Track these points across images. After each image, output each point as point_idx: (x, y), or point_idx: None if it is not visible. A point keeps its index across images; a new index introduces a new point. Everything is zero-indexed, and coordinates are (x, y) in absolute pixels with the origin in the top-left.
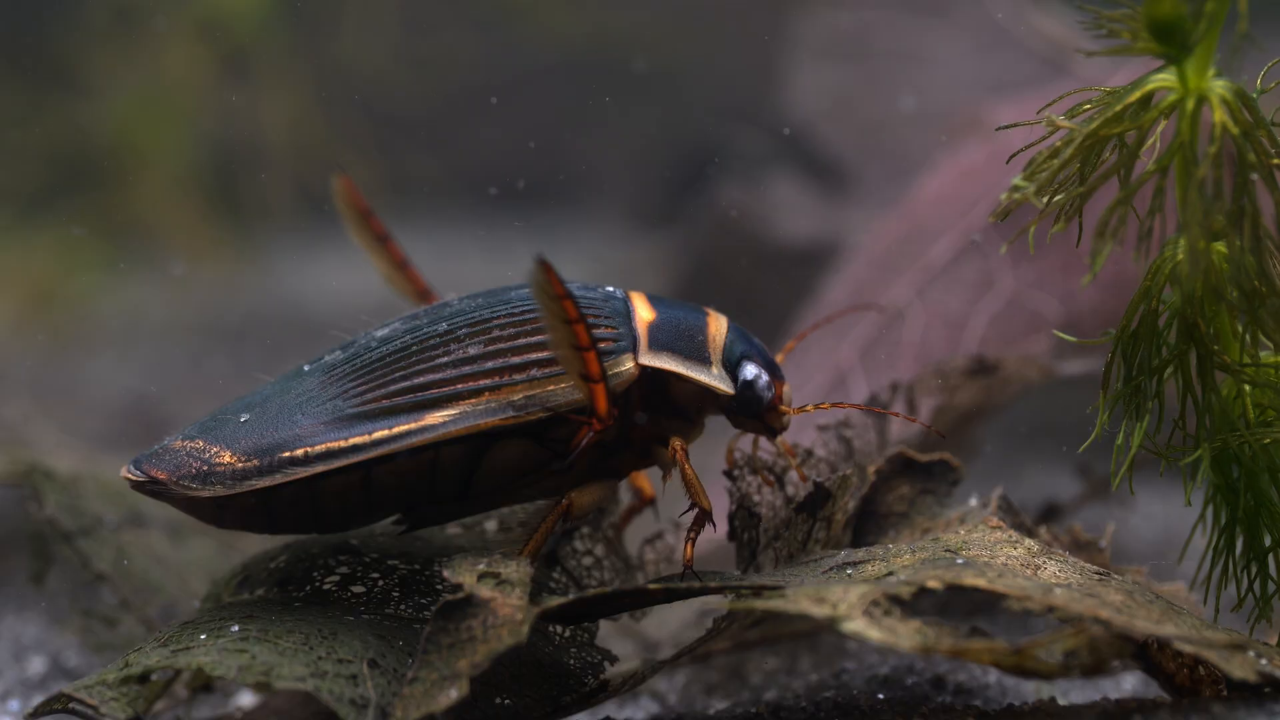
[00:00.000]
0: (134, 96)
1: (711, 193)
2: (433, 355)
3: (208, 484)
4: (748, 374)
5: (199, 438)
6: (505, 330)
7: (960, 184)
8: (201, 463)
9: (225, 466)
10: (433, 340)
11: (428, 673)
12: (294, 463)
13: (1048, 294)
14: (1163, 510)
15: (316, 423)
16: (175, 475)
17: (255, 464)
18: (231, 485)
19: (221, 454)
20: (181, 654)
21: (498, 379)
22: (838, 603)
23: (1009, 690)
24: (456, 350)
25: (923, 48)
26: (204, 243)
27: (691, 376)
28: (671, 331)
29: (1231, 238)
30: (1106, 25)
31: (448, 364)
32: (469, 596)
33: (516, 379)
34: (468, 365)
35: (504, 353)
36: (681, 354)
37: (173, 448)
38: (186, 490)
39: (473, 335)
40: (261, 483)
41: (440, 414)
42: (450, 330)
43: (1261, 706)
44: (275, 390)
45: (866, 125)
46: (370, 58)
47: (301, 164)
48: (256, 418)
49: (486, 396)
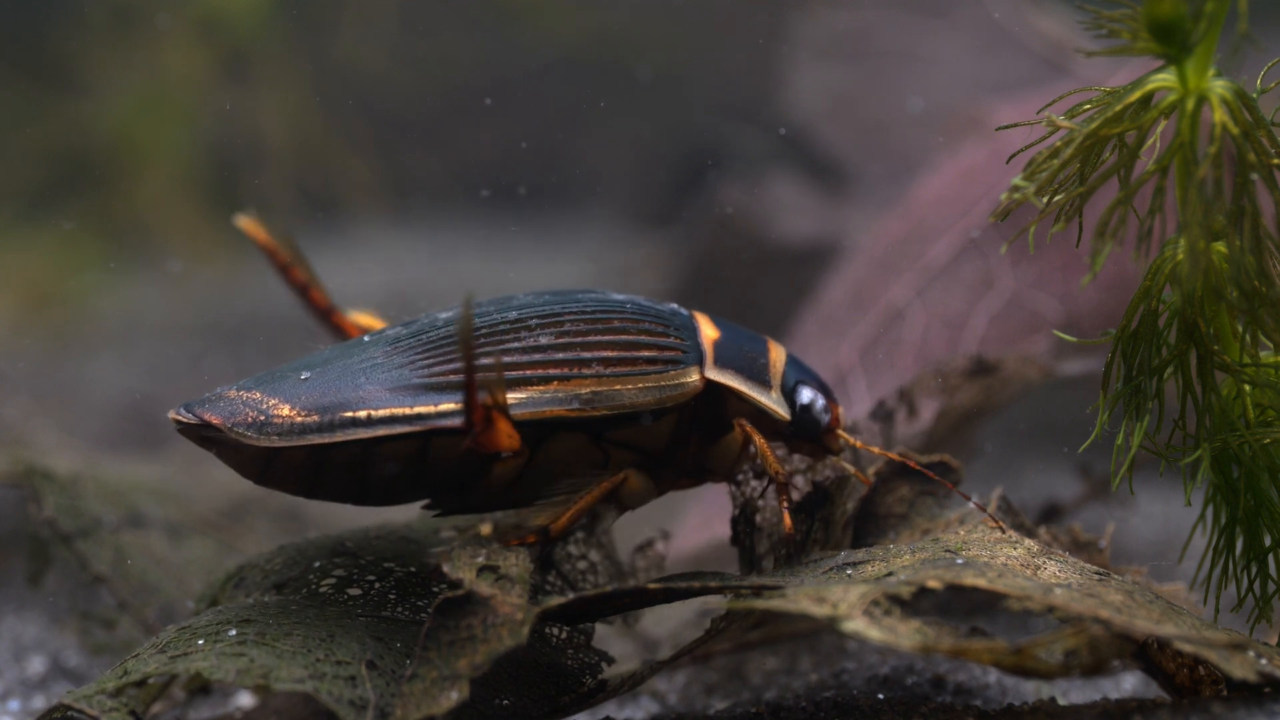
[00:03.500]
0: (134, 96)
1: (711, 193)
2: (502, 339)
3: (263, 433)
4: (805, 398)
5: (256, 389)
6: (578, 325)
7: (960, 184)
8: (258, 412)
9: (283, 419)
10: (502, 326)
11: (427, 670)
12: (355, 423)
13: (1048, 294)
14: (1163, 510)
15: (381, 388)
16: (230, 422)
17: (315, 419)
18: (288, 438)
19: (280, 406)
20: (180, 659)
21: (567, 370)
22: (838, 602)
23: (1009, 690)
24: (527, 338)
25: (922, 48)
26: (204, 243)
27: (753, 396)
28: (735, 351)
29: (1231, 238)
30: (1106, 25)
31: (517, 349)
32: (469, 594)
33: (586, 373)
34: (538, 354)
35: (574, 346)
36: (744, 374)
37: (227, 396)
38: (240, 437)
39: (543, 326)
40: (319, 439)
41: (510, 395)
42: (520, 319)
43: (1261, 706)
44: (335, 354)
45: (866, 125)
46: (370, 58)
47: (301, 164)
48: (318, 376)
49: (555, 385)
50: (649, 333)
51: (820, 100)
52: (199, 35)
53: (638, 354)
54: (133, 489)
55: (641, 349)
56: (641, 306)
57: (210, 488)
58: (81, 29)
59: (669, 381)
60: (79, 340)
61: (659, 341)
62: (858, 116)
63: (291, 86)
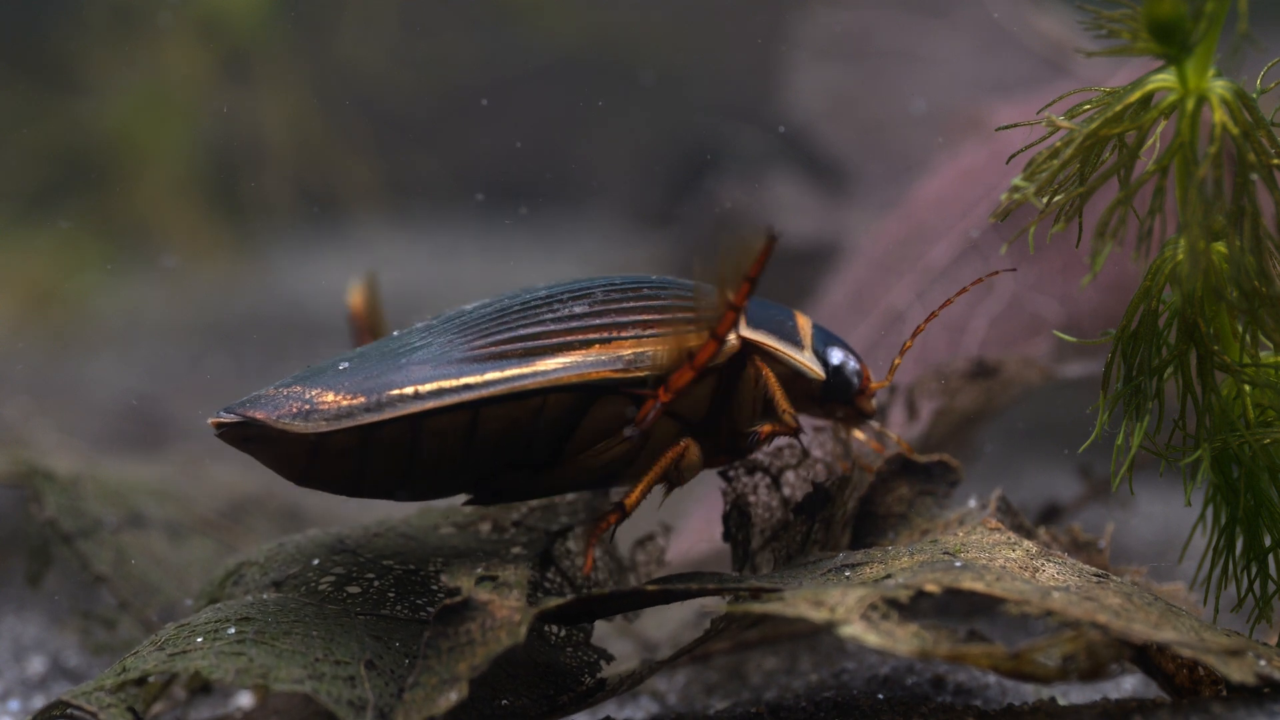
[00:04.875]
0: (134, 96)
1: (711, 193)
2: (538, 313)
3: (310, 420)
4: (836, 358)
5: (295, 384)
6: (610, 294)
7: (960, 185)
8: (303, 402)
9: (329, 404)
10: (535, 302)
11: (428, 677)
12: (403, 399)
13: (1048, 296)
14: (1163, 510)
15: (425, 365)
16: (275, 414)
17: (361, 400)
18: (335, 420)
19: (324, 394)
20: (178, 658)
21: (606, 334)
22: (835, 606)
23: (1009, 690)
24: (561, 309)
25: (922, 48)
26: (204, 243)
27: (788, 354)
28: (764, 314)
29: (1231, 238)
30: (1106, 25)
31: (551, 319)
32: (466, 600)
33: (624, 336)
34: (575, 321)
35: (610, 312)
36: (777, 334)
37: (268, 394)
38: (287, 427)
39: (575, 299)
40: (367, 418)
41: (551, 361)
42: (551, 295)
43: (1261, 706)
44: (370, 348)
45: (866, 125)
46: (370, 58)
47: (301, 164)
48: (358, 363)
49: (596, 349)
50: (679, 297)
51: (820, 100)
52: (199, 35)
53: (673, 316)
54: (133, 489)
55: (675, 311)
56: (665, 278)
57: (210, 488)
58: (81, 29)
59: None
60: (79, 340)
61: (690, 304)
62: (857, 116)
63: (291, 86)
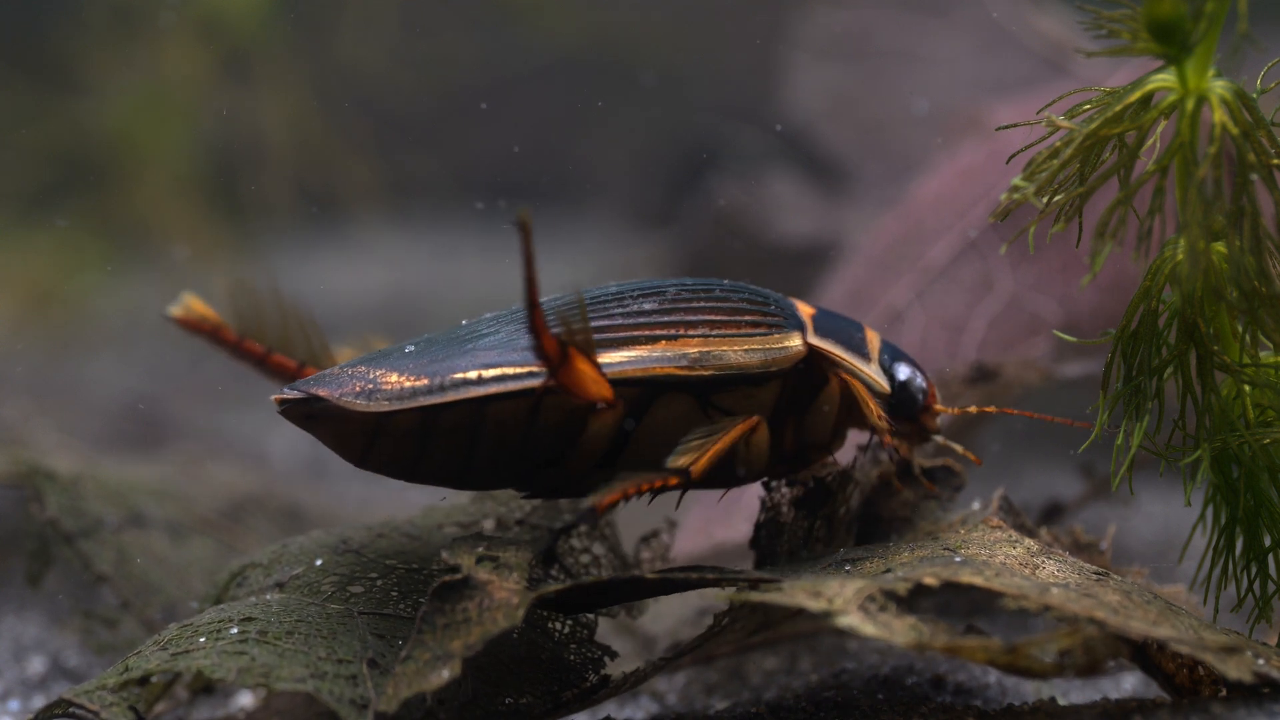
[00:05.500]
0: (134, 96)
1: (710, 192)
2: (607, 307)
3: (373, 399)
4: (903, 374)
5: (361, 365)
6: (680, 293)
7: (959, 184)
8: (366, 382)
9: (393, 385)
10: (604, 297)
11: (421, 652)
12: (467, 383)
13: (1047, 296)
14: (1163, 510)
15: (490, 351)
16: (338, 392)
17: (425, 382)
18: (397, 401)
19: (388, 375)
20: (181, 657)
21: (674, 331)
22: (834, 597)
23: (1009, 690)
24: (631, 305)
25: (922, 47)
26: (204, 243)
27: (855, 365)
28: (832, 324)
29: (1231, 238)
30: (1106, 25)
31: (620, 314)
32: (466, 578)
33: (692, 334)
34: (642, 317)
35: (679, 310)
36: (845, 344)
37: (333, 373)
38: (350, 405)
39: (645, 296)
40: (431, 400)
41: (616, 354)
42: (621, 292)
43: (1261, 706)
44: (436, 334)
45: (866, 124)
46: (370, 58)
47: (301, 164)
48: (423, 348)
49: (663, 345)
50: (750, 301)
51: (820, 100)
52: (199, 35)
53: (741, 318)
54: (134, 489)
55: (745, 314)
56: (736, 283)
57: (210, 487)
58: (81, 29)
59: (773, 344)
60: (79, 340)
61: (761, 308)
62: (857, 116)
63: (291, 86)
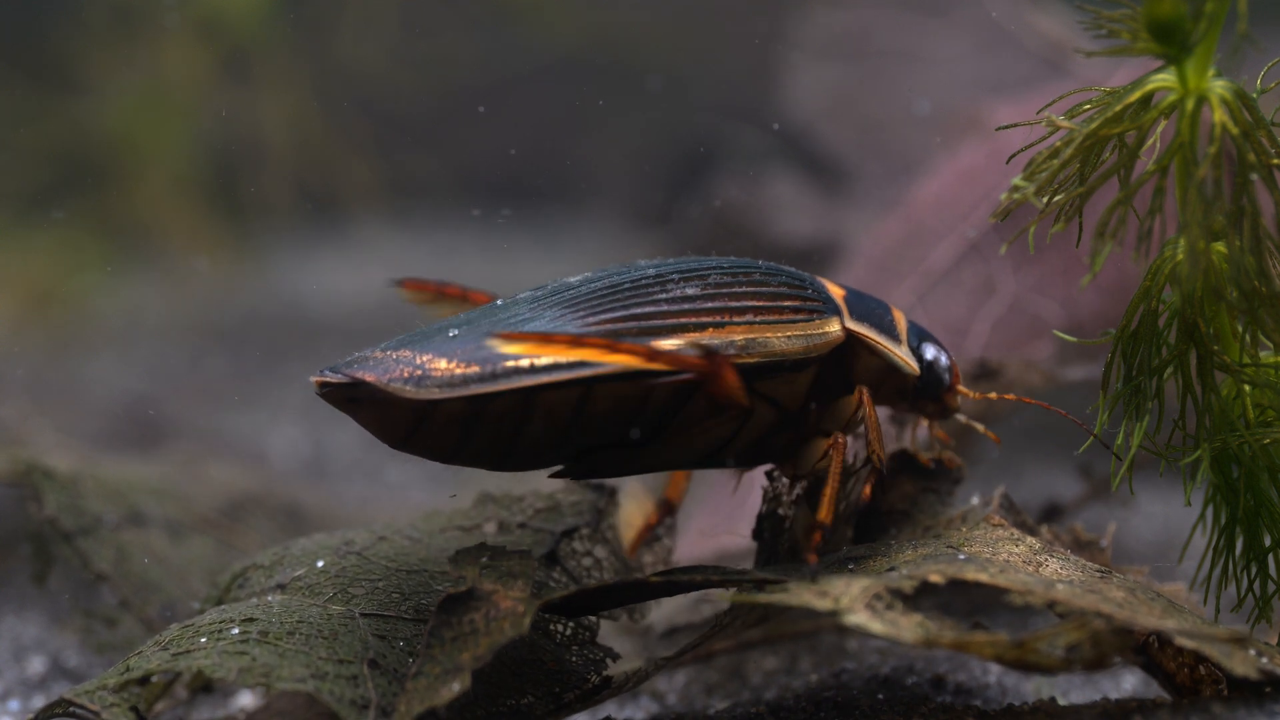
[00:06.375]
0: (134, 96)
1: (710, 192)
2: (650, 292)
3: (422, 386)
4: (930, 354)
5: (403, 348)
6: (721, 278)
7: (960, 186)
8: (414, 368)
9: (442, 371)
10: (645, 280)
11: (431, 666)
12: (519, 371)
13: (1049, 298)
14: (1163, 510)
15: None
16: (385, 378)
17: (476, 370)
18: (447, 389)
19: (436, 361)
20: (182, 657)
21: (719, 318)
22: (840, 596)
23: (1009, 690)
24: (674, 290)
25: (922, 48)
26: (204, 243)
27: (888, 348)
28: (864, 306)
29: (1231, 238)
30: (1106, 25)
31: (664, 299)
32: (471, 589)
33: (737, 321)
34: (687, 303)
35: (722, 296)
36: (878, 327)
37: (374, 356)
38: (398, 392)
39: (686, 280)
40: (481, 388)
41: (666, 342)
42: (661, 275)
43: (1261, 706)
44: (475, 316)
45: (865, 124)
46: (370, 58)
47: (301, 164)
48: (469, 332)
49: (710, 332)
50: (789, 285)
51: (819, 100)
52: (199, 35)
53: (783, 304)
54: (133, 488)
55: (785, 299)
56: (773, 265)
57: (210, 487)
58: (81, 29)
59: (815, 330)
60: (79, 340)
61: (800, 293)
62: (857, 116)
63: (291, 86)
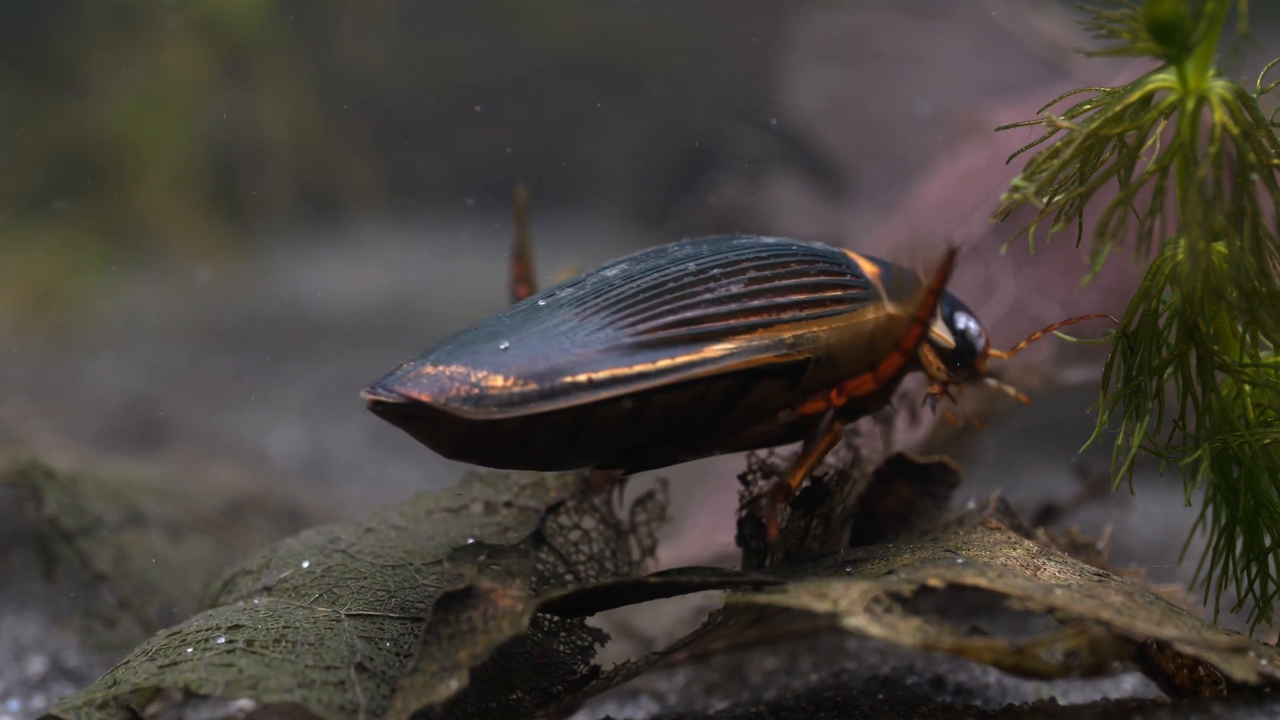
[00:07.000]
0: (134, 96)
1: (710, 192)
2: (695, 292)
3: (480, 406)
4: (962, 324)
5: (454, 362)
6: (761, 272)
7: (960, 188)
8: (470, 386)
9: (500, 390)
10: (686, 279)
11: (428, 664)
12: (577, 388)
13: (1049, 300)
14: (1163, 510)
15: (592, 350)
16: (443, 398)
17: (534, 388)
18: (506, 409)
19: (491, 378)
20: (168, 670)
21: (767, 317)
22: (839, 599)
23: (1009, 690)
24: (718, 288)
25: (922, 50)
26: (204, 243)
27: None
28: (899, 285)
29: (1231, 238)
30: (1106, 26)
31: (711, 300)
32: (469, 587)
33: (784, 318)
34: (733, 303)
35: (766, 292)
36: None
37: (425, 372)
38: (457, 412)
39: (728, 275)
40: (541, 407)
41: (719, 347)
42: (702, 269)
43: (1261, 707)
44: (517, 321)
45: (866, 127)
46: (370, 58)
47: (301, 164)
48: (519, 344)
49: (760, 333)
50: (827, 273)
51: (820, 102)
52: (199, 35)
53: (825, 295)
54: (133, 488)
55: (826, 289)
56: (807, 247)
57: (210, 487)
58: (81, 29)
59: (859, 319)
60: (79, 340)
61: (840, 280)
62: (857, 118)
63: (291, 86)
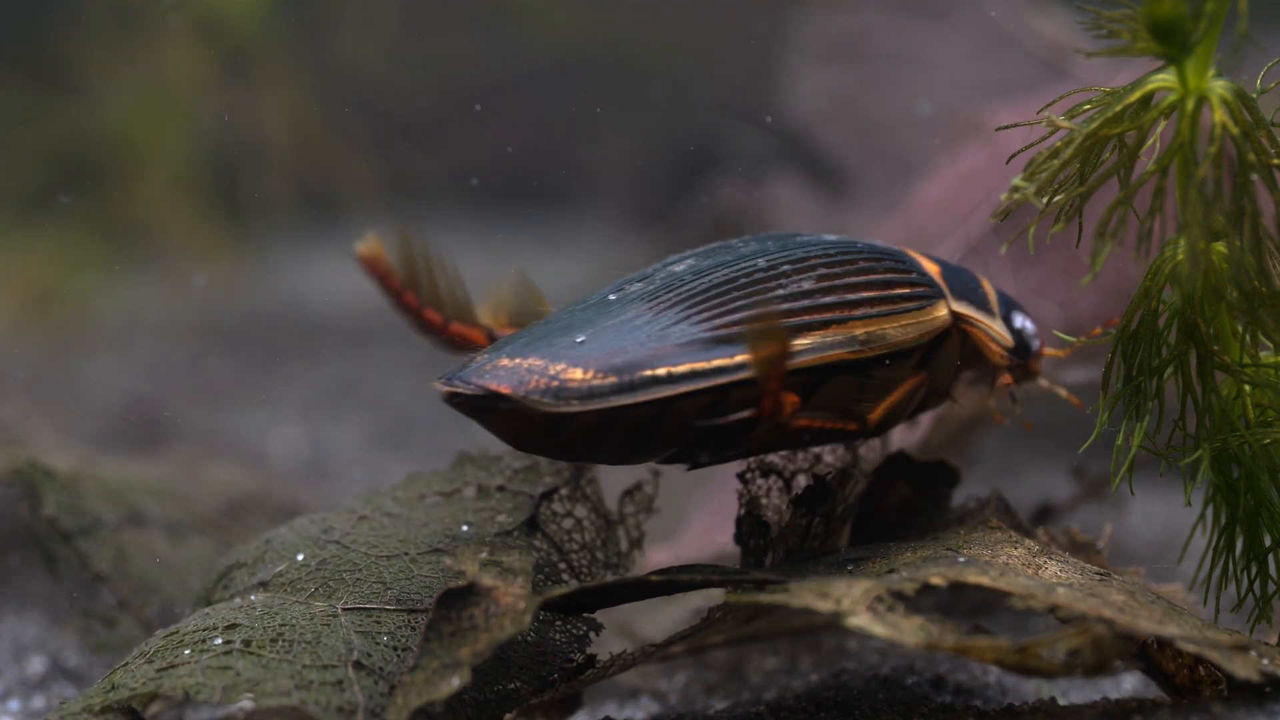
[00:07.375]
0: (134, 96)
1: (710, 192)
2: (766, 288)
3: (560, 398)
4: (1018, 322)
5: (531, 355)
6: (831, 269)
7: (960, 189)
8: (550, 379)
9: (579, 383)
10: (758, 274)
11: (429, 660)
12: (656, 381)
13: (1049, 300)
14: (1163, 510)
15: (669, 345)
16: (522, 390)
17: (614, 381)
18: (586, 401)
19: (570, 371)
20: (166, 674)
21: (840, 313)
22: (841, 598)
23: (1009, 690)
24: (789, 284)
25: (922, 50)
26: (204, 243)
27: (988, 325)
28: (960, 282)
29: (1231, 238)
30: (1106, 26)
31: (784, 296)
32: (471, 584)
33: (855, 315)
34: (806, 299)
35: (836, 289)
36: (976, 304)
37: (502, 365)
38: (537, 405)
39: (799, 272)
40: (620, 400)
41: (795, 343)
42: (772, 265)
43: (1262, 706)
44: (592, 315)
45: (866, 127)
46: (370, 58)
47: (301, 164)
48: (595, 338)
49: (834, 329)
50: (894, 270)
51: (819, 102)
52: (199, 35)
53: (893, 292)
54: (132, 488)
55: (894, 287)
56: (871, 245)
57: (209, 487)
58: (81, 29)
59: (926, 317)
60: (79, 340)
61: (907, 279)
62: (857, 119)
63: (291, 86)
